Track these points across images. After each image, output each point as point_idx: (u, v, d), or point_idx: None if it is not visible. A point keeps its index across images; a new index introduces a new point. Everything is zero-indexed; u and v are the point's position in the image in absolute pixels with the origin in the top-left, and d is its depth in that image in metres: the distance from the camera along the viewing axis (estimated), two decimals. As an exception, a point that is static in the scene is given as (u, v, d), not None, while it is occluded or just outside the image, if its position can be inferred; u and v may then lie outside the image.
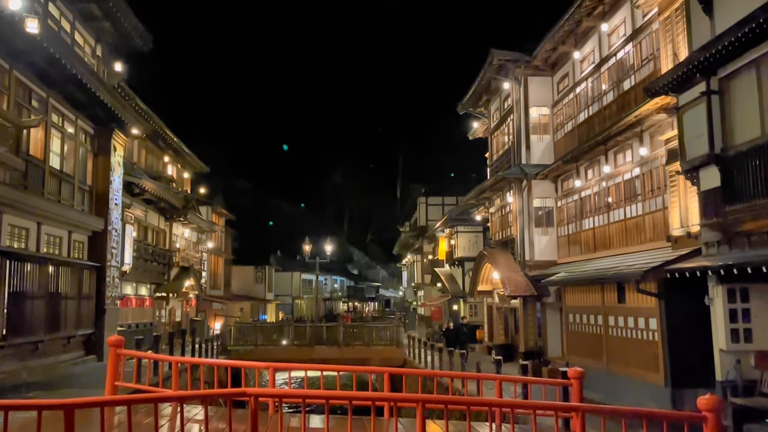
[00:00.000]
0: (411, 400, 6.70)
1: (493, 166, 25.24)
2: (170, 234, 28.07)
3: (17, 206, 13.58)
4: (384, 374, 8.71)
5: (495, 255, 22.06)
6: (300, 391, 7.26)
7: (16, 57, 13.45)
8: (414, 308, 49.85)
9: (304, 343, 26.16)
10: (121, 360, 8.50)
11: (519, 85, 21.45)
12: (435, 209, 41.11)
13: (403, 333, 27.29)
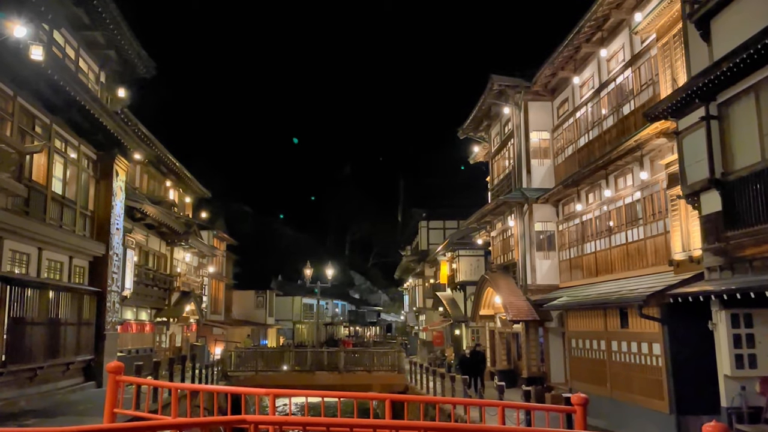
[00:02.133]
0: (413, 428, 6.64)
1: (494, 190, 25.29)
2: (171, 259, 28.04)
3: (19, 232, 13.60)
4: (386, 401, 8.64)
5: (497, 279, 21.99)
6: (301, 418, 7.18)
7: (21, 84, 13.59)
8: (416, 333, 49.53)
9: (305, 369, 25.94)
10: (121, 387, 8.44)
11: (519, 110, 21.59)
12: (436, 233, 41.04)
13: (404, 358, 27.07)
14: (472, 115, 25.17)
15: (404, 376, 25.15)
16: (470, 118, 25.53)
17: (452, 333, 32.24)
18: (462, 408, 13.71)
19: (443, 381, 18.31)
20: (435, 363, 27.66)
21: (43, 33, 13.97)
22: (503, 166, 23.82)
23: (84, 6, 15.67)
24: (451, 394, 17.26)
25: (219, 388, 12.00)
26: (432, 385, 19.61)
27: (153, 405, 11.83)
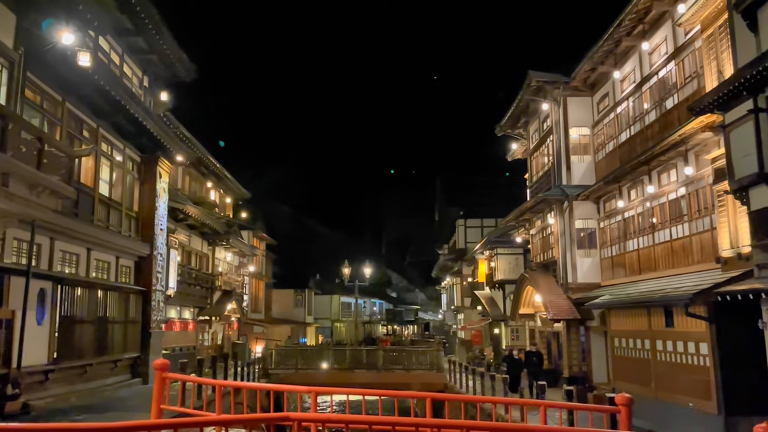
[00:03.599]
0: (455, 426, 6.62)
1: (532, 187, 25.01)
2: (213, 258, 28.55)
3: (68, 233, 14.06)
4: (426, 399, 8.63)
5: (536, 278, 21.74)
6: (343, 416, 7.21)
7: (69, 89, 14.04)
8: (454, 332, 49.33)
9: (344, 367, 26.07)
10: (167, 383, 8.63)
11: (558, 106, 21.30)
12: (474, 231, 40.78)
13: (443, 357, 26.98)
14: (510, 112, 24.93)
15: (443, 375, 25.07)
16: (508, 115, 25.29)
17: (491, 332, 32.01)
18: (503, 407, 13.64)
19: (483, 380, 18.20)
20: (474, 362, 27.52)
21: (90, 40, 14.38)
22: (542, 163, 23.54)
23: (127, 12, 16.07)
24: (491, 394, 17.14)
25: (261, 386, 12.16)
26: (471, 384, 19.52)
27: (198, 402, 12.06)
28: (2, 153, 9.01)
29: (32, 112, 12.79)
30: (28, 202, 9.95)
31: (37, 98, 13.06)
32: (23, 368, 11.74)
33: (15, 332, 11.54)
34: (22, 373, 11.57)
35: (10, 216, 10.01)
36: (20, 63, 11.54)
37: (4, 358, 11.16)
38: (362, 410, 8.54)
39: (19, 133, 9.62)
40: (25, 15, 11.55)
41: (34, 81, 12.64)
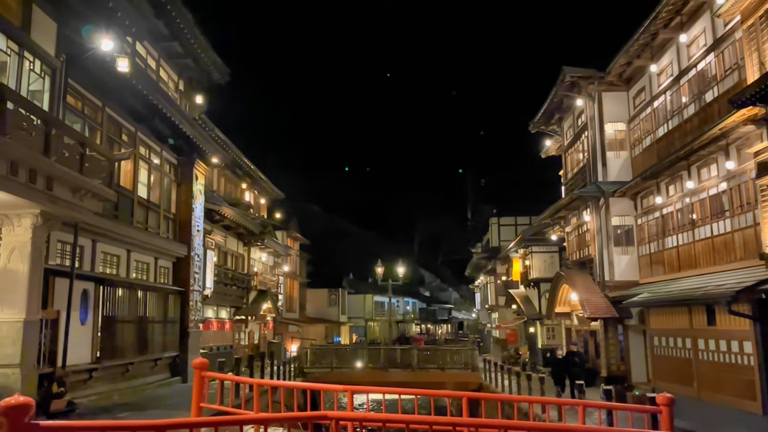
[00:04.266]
0: (492, 426, 6.59)
1: (567, 184, 24.69)
2: (248, 258, 28.92)
3: (109, 235, 14.41)
4: (462, 399, 8.60)
5: (572, 276, 21.46)
6: (380, 415, 7.25)
7: (109, 95, 14.38)
8: (488, 330, 49.00)
9: (379, 366, 26.14)
10: (206, 382, 8.78)
11: (593, 101, 20.98)
12: (507, 230, 40.45)
13: (478, 356, 26.83)
14: (543, 108, 24.64)
15: (478, 374, 24.94)
16: (541, 111, 25.01)
17: (526, 331, 31.71)
18: (540, 407, 13.51)
19: (519, 379, 18.05)
20: (509, 361, 27.30)
21: (127, 45, 14.71)
22: (577, 159, 23.21)
23: (164, 18, 16.38)
24: (528, 393, 16.99)
25: (298, 384, 12.31)
26: (507, 383, 19.38)
27: (236, 400, 12.25)
28: (46, 158, 9.28)
29: (74, 117, 13.14)
30: (71, 205, 10.24)
31: (78, 104, 13.42)
32: (68, 367, 12.07)
33: (60, 332, 11.87)
34: (67, 372, 11.89)
35: (54, 219, 10.30)
36: (62, 70, 11.87)
37: (49, 358, 11.48)
38: (398, 409, 8.53)
39: (62, 139, 9.90)
40: (65, 23, 11.87)
41: (75, 87, 12.98)
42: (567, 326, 24.82)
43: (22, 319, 9.83)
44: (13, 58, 10.56)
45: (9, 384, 9.53)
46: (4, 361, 9.72)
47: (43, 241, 10.41)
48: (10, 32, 10.38)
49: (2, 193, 8.65)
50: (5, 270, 9.88)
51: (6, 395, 7.45)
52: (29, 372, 10.02)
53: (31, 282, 9.97)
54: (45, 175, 9.31)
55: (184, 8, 16.59)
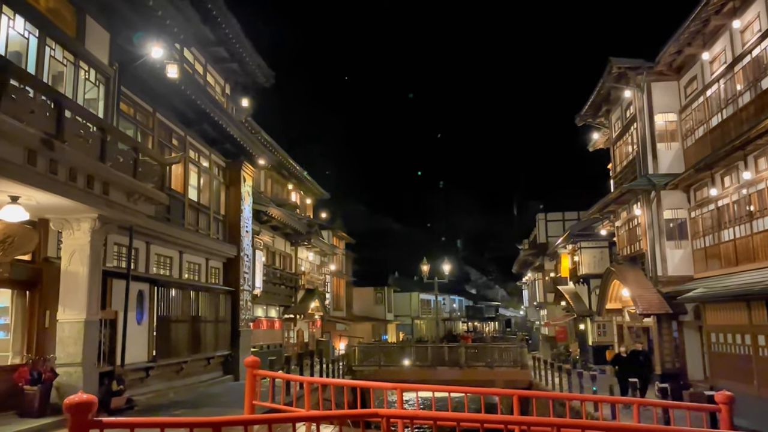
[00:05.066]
0: (545, 424, 6.51)
1: (616, 177, 24.14)
2: (296, 258, 29.30)
3: (162, 237, 14.83)
4: (513, 397, 8.54)
5: (623, 271, 20.97)
6: (431, 413, 7.26)
7: (159, 101, 14.79)
8: (537, 328, 48.37)
9: (426, 364, 26.11)
10: (257, 380, 8.95)
11: (641, 92, 20.45)
12: (555, 225, 39.82)
13: (527, 354, 26.52)
14: (590, 100, 24.16)
15: (528, 372, 24.65)
16: (588, 104, 24.52)
17: (576, 328, 31.17)
18: (592, 405, 13.28)
19: (570, 377, 17.77)
20: (559, 359, 26.89)
21: (176, 52, 15.10)
22: (626, 152, 22.68)
23: (210, 24, 16.75)
24: (578, 391, 16.71)
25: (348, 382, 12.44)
26: (558, 381, 19.10)
27: (287, 398, 12.45)
28: (103, 164, 9.61)
29: (127, 123, 13.57)
30: (126, 208, 10.58)
31: (130, 110, 13.85)
32: (126, 365, 12.49)
33: (118, 332, 12.29)
34: (125, 370, 12.30)
35: (111, 222, 10.66)
36: (115, 78, 12.27)
37: (109, 356, 11.91)
38: (448, 407, 8.51)
39: (116, 144, 10.23)
40: (117, 32, 12.26)
41: (127, 94, 13.40)
42: (618, 323, 24.28)
43: (83, 320, 10.21)
44: (70, 68, 10.98)
45: (72, 382, 9.92)
46: (67, 360, 10.12)
47: (101, 244, 10.78)
48: (66, 43, 10.78)
49: (62, 198, 9.00)
50: (66, 272, 10.28)
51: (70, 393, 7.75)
52: (90, 370, 10.40)
53: (90, 283, 10.34)
54: (101, 180, 9.64)
55: (228, 13, 16.94)
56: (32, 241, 10.06)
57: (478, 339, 47.01)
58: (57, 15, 10.60)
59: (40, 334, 10.59)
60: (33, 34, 10.01)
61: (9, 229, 9.27)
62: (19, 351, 10.47)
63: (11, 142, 7.58)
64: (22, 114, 7.76)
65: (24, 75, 8.65)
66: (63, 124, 8.62)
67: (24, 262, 10.41)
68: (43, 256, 10.80)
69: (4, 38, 9.39)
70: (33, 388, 9.59)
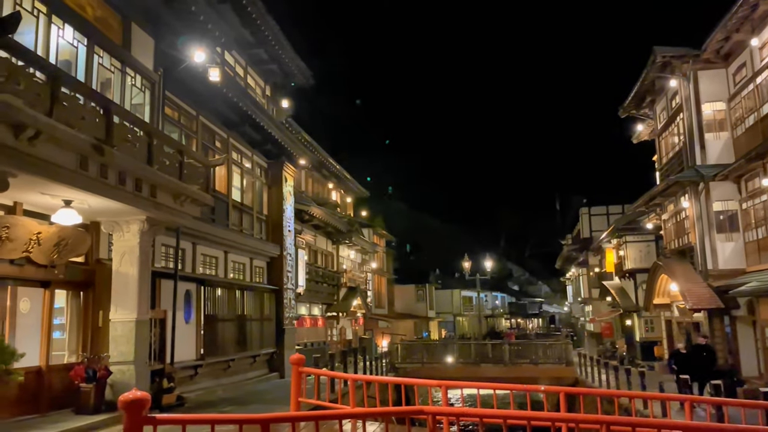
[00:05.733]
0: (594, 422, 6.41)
1: (662, 169, 23.54)
2: (337, 256, 29.51)
3: (208, 237, 15.14)
4: (560, 394, 8.43)
5: (671, 265, 20.45)
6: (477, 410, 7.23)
7: (202, 104, 15.09)
8: (582, 324, 47.61)
9: (470, 361, 26.00)
10: (302, 377, 9.06)
11: (687, 81, 19.88)
12: (599, 219, 39.09)
13: (572, 350, 26.14)
14: (634, 91, 23.60)
15: (573, 368, 24.30)
16: (631, 95, 23.96)
17: (623, 323, 30.56)
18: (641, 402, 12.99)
19: (617, 374, 17.44)
20: (605, 355, 26.42)
21: (217, 56, 15.37)
22: (672, 143, 22.09)
23: (249, 27, 17.00)
24: (626, 388, 16.38)
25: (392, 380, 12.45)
26: (604, 378, 18.76)
27: (332, 395, 12.56)
28: (150, 167, 9.86)
29: (171, 127, 13.88)
30: (173, 210, 10.83)
31: (174, 114, 14.16)
32: (176, 363, 12.80)
33: (167, 330, 12.60)
34: (175, 368, 12.61)
35: (158, 224, 10.94)
36: (159, 83, 12.58)
37: (159, 355, 12.21)
38: (494, 404, 8.45)
39: (162, 148, 10.48)
40: (161, 38, 12.57)
41: (171, 98, 13.71)
42: (667, 318, 23.71)
43: (134, 319, 10.51)
44: (117, 75, 11.30)
45: (125, 380, 10.23)
46: (120, 358, 10.43)
47: (149, 245, 11.07)
48: (113, 51, 11.10)
49: (112, 201, 9.27)
50: (117, 273, 10.60)
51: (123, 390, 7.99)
52: (142, 368, 10.70)
53: (140, 284, 10.63)
54: (149, 183, 9.90)
55: (267, 15, 17.13)
56: (85, 243, 10.41)
57: (521, 336, 46.56)
58: (104, 23, 10.92)
59: (94, 334, 10.93)
60: (82, 43, 10.33)
61: (63, 232, 9.62)
62: (75, 350, 10.83)
63: (64, 148, 7.85)
64: (74, 120, 8.01)
65: (74, 83, 8.95)
66: (112, 129, 8.87)
67: (78, 264, 10.77)
68: (95, 257, 11.14)
69: (54, 47, 9.72)
70: (89, 385, 9.92)
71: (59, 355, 10.65)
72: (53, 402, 9.94)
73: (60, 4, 9.79)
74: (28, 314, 9.95)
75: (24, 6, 8.92)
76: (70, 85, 8.40)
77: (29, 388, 9.52)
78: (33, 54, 8.30)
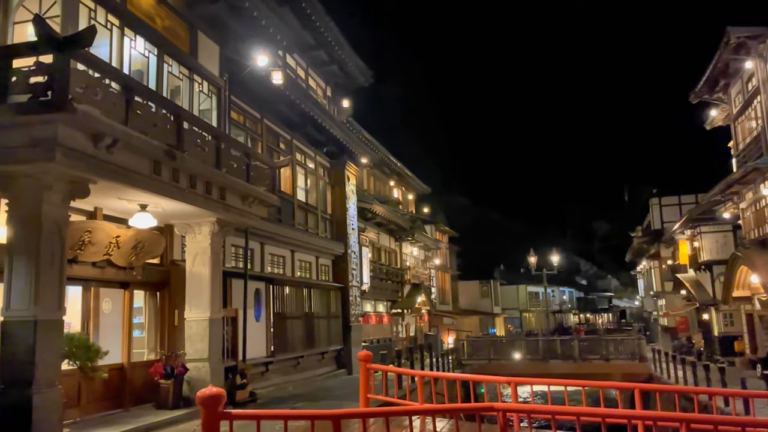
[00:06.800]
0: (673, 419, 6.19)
1: (739, 156, 22.44)
2: (400, 253, 29.60)
3: (275, 237, 15.49)
4: (635, 390, 8.18)
5: (751, 256, 19.46)
6: (549, 406, 7.09)
7: (265, 107, 15.44)
8: (654, 318, 45.99)
9: (537, 358, 25.59)
10: (370, 374, 9.14)
11: (765, 62, 18.86)
12: (670, 210, 37.61)
13: (645, 346, 25.31)
14: (706, 75, 22.57)
15: (647, 364, 23.54)
16: (703, 79, 22.93)
17: (699, 318, 29.33)
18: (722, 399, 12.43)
19: (695, 370, 16.76)
20: (681, 351, 25.43)
21: (279, 59, 15.68)
22: (749, 128, 21.01)
23: (309, 29, 17.26)
24: (705, 385, 15.72)
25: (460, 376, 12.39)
26: (681, 374, 18.07)
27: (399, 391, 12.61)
28: (219, 170, 10.17)
29: (237, 130, 14.26)
30: (241, 211, 11.14)
31: (240, 118, 14.54)
32: (248, 360, 13.15)
33: (239, 328, 12.96)
34: (247, 365, 12.96)
35: (228, 225, 11.27)
36: (225, 88, 12.95)
37: (232, 352, 12.58)
38: (565, 401, 8.29)
39: (229, 151, 10.79)
40: (226, 44, 12.93)
41: (236, 102, 14.08)
42: (747, 311, 22.59)
43: (207, 318, 10.88)
44: (185, 82, 11.70)
45: (200, 376, 10.59)
46: (195, 356, 10.81)
47: (220, 246, 11.42)
48: (182, 59, 11.50)
49: (185, 204, 9.61)
50: (191, 273, 10.99)
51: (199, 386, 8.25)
52: (216, 365, 11.05)
53: (212, 283, 10.99)
54: (218, 185, 10.21)
55: (327, 17, 17.35)
56: (160, 245, 10.85)
57: (590, 331, 45.44)
58: (172, 33, 11.32)
59: (170, 332, 11.37)
60: (152, 53, 10.75)
61: (140, 235, 10.05)
62: (153, 347, 11.30)
63: (139, 154, 8.19)
64: (147, 128, 8.35)
65: (146, 91, 9.32)
66: (182, 134, 9.19)
67: (154, 266, 11.23)
68: (170, 259, 11.59)
69: (127, 58, 10.15)
70: (167, 382, 10.33)
71: (139, 353, 11.13)
72: (135, 398, 10.41)
73: (132, 17, 10.21)
74: (110, 314, 10.45)
75: (98, 20, 9.35)
76: (142, 94, 8.75)
77: (113, 384, 10.01)
78: (108, 65, 8.68)
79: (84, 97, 7.11)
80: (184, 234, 11.18)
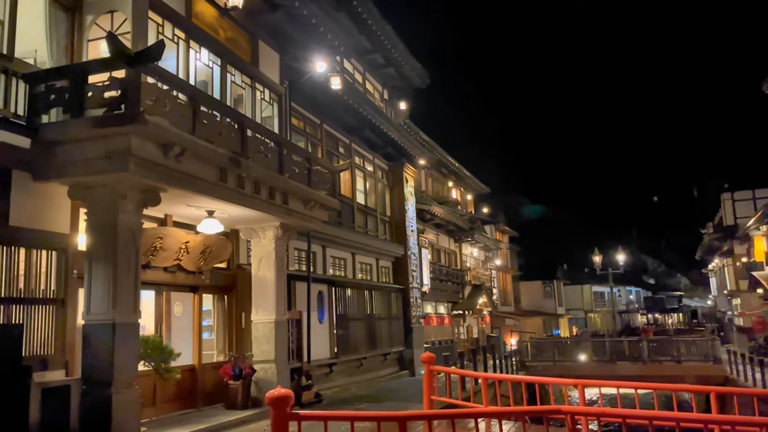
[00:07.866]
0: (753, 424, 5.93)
1: (818, 147, 21.24)
2: (460, 254, 29.43)
3: (336, 240, 15.70)
4: (710, 393, 7.86)
5: (835, 252, 18.40)
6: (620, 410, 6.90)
7: (325, 112, 15.69)
8: (729, 318, 44.02)
9: (604, 359, 24.92)
10: (433, 375, 9.13)
11: None
12: (744, 205, 35.99)
13: (719, 347, 24.27)
14: (780, 63, 21.50)
15: (722, 366, 22.57)
16: (777, 67, 21.84)
17: (778, 318, 27.91)
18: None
19: (775, 373, 15.98)
20: (759, 352, 24.25)
21: (337, 64, 15.89)
22: (829, 116, 19.87)
23: (365, 33, 17.42)
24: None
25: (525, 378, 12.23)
26: (759, 376, 17.25)
27: (463, 393, 12.54)
28: (281, 176, 10.40)
29: (297, 136, 14.54)
30: (303, 216, 11.34)
31: (300, 124, 14.82)
32: (312, 362, 13.38)
33: (303, 330, 13.20)
34: (312, 366, 13.18)
35: (291, 229, 11.50)
36: (286, 95, 13.22)
37: (297, 353, 12.81)
38: (635, 404, 8.05)
39: (291, 157, 11.00)
40: (285, 52, 13.20)
41: (296, 109, 14.37)
42: (832, 311, 21.37)
43: (273, 320, 11.12)
44: (248, 90, 12.02)
45: (267, 377, 10.84)
46: (262, 357, 11.07)
47: (284, 250, 11.66)
48: (244, 68, 11.82)
49: (249, 210, 9.87)
50: (257, 277, 11.27)
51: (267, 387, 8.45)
52: (282, 366, 11.28)
53: (277, 286, 11.23)
54: (281, 191, 10.43)
55: (382, 20, 17.48)
56: (227, 250, 11.18)
57: (660, 332, 43.93)
58: (234, 43, 11.65)
59: (238, 334, 11.69)
60: (216, 63, 11.09)
61: (208, 240, 10.39)
62: (222, 349, 11.64)
63: (205, 162, 8.46)
64: (213, 136, 8.62)
65: (211, 101, 9.63)
66: (246, 142, 9.44)
67: (221, 270, 11.57)
68: (236, 263, 11.92)
69: (193, 69, 10.51)
70: (236, 382, 10.62)
71: (209, 355, 11.48)
72: (206, 398, 10.76)
73: (196, 30, 10.57)
74: (181, 317, 10.83)
75: (165, 34, 9.72)
76: (208, 104, 9.03)
77: (185, 385, 10.37)
78: (176, 77, 9.01)
79: (154, 108, 7.40)
80: (249, 238, 11.48)
